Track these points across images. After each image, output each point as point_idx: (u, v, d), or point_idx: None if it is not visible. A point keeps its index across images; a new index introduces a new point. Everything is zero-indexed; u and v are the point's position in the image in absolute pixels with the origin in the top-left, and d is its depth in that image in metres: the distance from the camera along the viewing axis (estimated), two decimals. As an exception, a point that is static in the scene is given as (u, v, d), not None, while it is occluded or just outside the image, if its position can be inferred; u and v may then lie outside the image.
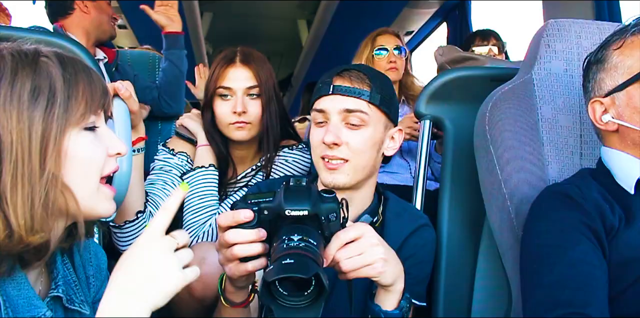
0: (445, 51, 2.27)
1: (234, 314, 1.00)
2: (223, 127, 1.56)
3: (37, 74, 0.74)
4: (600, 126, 1.04)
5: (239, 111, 1.50)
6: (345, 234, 0.88)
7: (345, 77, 1.16)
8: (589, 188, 1.02)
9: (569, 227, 0.97)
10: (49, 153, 0.73)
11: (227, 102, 1.53)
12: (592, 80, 1.05)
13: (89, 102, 0.78)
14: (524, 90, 1.26)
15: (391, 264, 0.94)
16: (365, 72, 1.17)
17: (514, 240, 1.16)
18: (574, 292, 0.89)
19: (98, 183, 0.80)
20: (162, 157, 1.58)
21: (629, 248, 0.94)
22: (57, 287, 0.84)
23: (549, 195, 1.05)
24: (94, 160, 0.78)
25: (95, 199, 0.79)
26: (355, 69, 1.18)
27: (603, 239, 0.95)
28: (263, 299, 0.75)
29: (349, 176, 1.15)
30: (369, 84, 1.15)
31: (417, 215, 1.27)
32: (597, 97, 1.03)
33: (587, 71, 1.07)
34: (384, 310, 0.98)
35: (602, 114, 1.03)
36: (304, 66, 4.83)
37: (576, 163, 1.22)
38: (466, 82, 1.52)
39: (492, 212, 1.25)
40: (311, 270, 0.72)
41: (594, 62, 1.05)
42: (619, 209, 0.98)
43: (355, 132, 1.15)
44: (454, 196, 1.47)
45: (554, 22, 1.29)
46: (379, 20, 3.51)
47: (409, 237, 1.18)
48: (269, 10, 4.17)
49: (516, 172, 1.18)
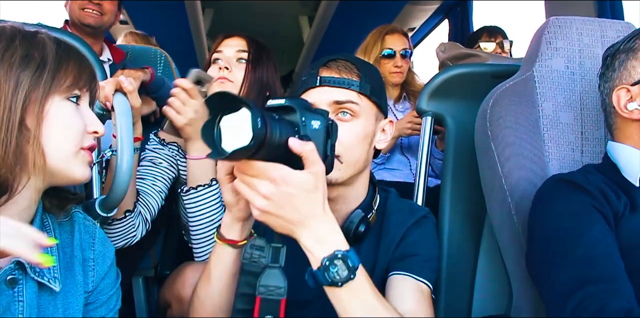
0: (447, 48, 2.27)
1: (224, 255, 0.98)
2: (209, 89, 1.51)
3: (32, 44, 0.83)
4: (624, 114, 1.04)
5: (222, 66, 1.50)
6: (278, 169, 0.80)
7: (332, 67, 1.10)
8: (594, 177, 1.03)
9: (581, 209, 0.97)
10: (29, 112, 0.80)
11: (217, 65, 1.53)
12: (620, 68, 1.05)
13: (77, 77, 0.86)
14: (525, 87, 1.26)
15: (284, 209, 0.82)
16: (353, 62, 1.11)
17: (515, 236, 1.16)
18: (599, 269, 0.88)
19: (77, 149, 0.86)
20: (152, 147, 1.53)
21: (634, 234, 0.96)
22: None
23: (555, 182, 1.06)
24: (72, 127, 0.85)
25: (72, 163, 0.86)
26: (342, 58, 1.12)
27: (611, 223, 0.96)
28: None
29: (341, 171, 1.08)
30: (358, 74, 1.09)
31: (418, 209, 1.23)
32: (625, 85, 1.04)
33: (613, 59, 1.07)
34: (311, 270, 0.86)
35: (628, 102, 1.03)
36: (305, 63, 4.83)
37: (577, 160, 1.23)
38: (468, 78, 1.52)
39: (492, 208, 1.26)
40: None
41: (623, 51, 1.05)
42: (624, 197, 0.99)
43: (346, 126, 1.08)
44: (455, 192, 1.48)
45: (555, 19, 1.29)
46: (381, 16, 3.51)
47: (411, 227, 1.15)
48: (270, 6, 4.16)
49: (517, 169, 1.18)
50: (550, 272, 0.95)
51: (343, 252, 0.84)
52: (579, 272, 0.89)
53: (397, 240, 1.12)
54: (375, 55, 2.25)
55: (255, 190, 0.80)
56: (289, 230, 0.84)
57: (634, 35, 1.06)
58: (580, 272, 0.89)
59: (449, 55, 2.22)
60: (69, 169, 0.86)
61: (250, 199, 0.81)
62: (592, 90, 1.25)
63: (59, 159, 0.84)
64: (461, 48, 2.26)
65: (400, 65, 2.24)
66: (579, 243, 0.93)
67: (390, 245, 1.14)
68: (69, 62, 0.86)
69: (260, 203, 0.80)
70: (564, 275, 0.91)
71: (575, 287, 0.87)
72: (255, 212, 0.82)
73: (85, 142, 0.87)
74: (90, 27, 2.06)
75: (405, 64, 2.27)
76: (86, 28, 2.06)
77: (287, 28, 4.67)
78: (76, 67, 0.86)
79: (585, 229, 0.94)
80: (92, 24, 2.05)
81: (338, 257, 0.83)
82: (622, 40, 1.07)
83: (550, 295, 0.93)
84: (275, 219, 0.82)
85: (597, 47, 1.28)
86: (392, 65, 2.24)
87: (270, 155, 0.79)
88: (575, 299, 0.86)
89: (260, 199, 0.80)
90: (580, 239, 0.93)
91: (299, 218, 0.82)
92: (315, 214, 0.83)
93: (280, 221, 0.83)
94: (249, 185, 0.81)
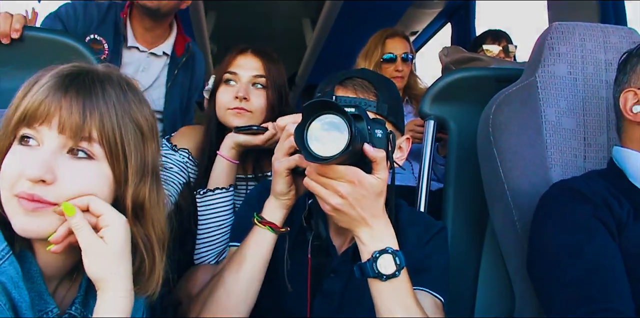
0: (450, 52, 2.28)
1: (262, 241, 1.03)
2: (222, 113, 1.48)
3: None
4: (629, 116, 1.05)
5: (241, 96, 1.44)
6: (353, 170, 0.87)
7: (348, 86, 1.06)
8: (597, 184, 1.04)
9: (582, 221, 0.98)
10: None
11: (231, 88, 1.48)
12: (630, 72, 1.07)
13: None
14: (528, 93, 1.26)
15: (355, 208, 0.90)
16: (370, 80, 1.07)
17: (517, 242, 1.17)
18: (598, 287, 0.90)
19: (9, 195, 0.75)
20: (164, 152, 1.53)
21: (638, 242, 0.96)
22: (72, 305, 0.85)
23: (557, 191, 1.07)
24: (5, 172, 0.77)
25: (9, 211, 0.76)
26: (358, 76, 1.07)
27: (614, 232, 0.97)
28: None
29: None
30: (375, 93, 1.05)
31: (433, 223, 1.21)
32: (632, 88, 1.05)
33: (626, 63, 1.09)
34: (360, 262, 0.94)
35: (634, 105, 1.04)
36: (308, 65, 4.83)
37: (580, 166, 1.23)
38: (471, 82, 1.53)
39: (495, 213, 1.26)
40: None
41: (636, 55, 1.07)
42: (627, 204, 1.00)
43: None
44: (458, 196, 1.48)
45: (558, 25, 1.29)
46: (384, 19, 3.51)
47: (426, 244, 1.15)
48: (273, 8, 4.17)
49: (519, 175, 1.18)
50: (549, 290, 0.98)
51: (394, 249, 0.92)
52: (575, 293, 0.92)
53: (414, 253, 1.10)
54: (376, 59, 2.26)
55: (332, 189, 0.88)
56: (352, 225, 0.92)
57: None
58: (576, 292, 0.92)
59: (452, 59, 2.22)
60: (9, 217, 0.76)
61: (326, 197, 0.89)
62: (595, 95, 1.26)
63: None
64: (464, 52, 2.26)
65: (402, 69, 2.25)
66: (577, 261, 0.95)
67: (407, 259, 1.13)
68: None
69: (336, 201, 0.88)
70: (561, 296, 0.94)
71: (571, 308, 0.90)
72: (327, 207, 0.90)
73: (16, 189, 0.74)
74: (147, 8, 1.82)
75: (406, 67, 2.27)
76: (144, 10, 1.85)
77: (290, 31, 4.67)
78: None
79: (585, 244, 0.95)
80: (148, 6, 1.81)
81: (388, 252, 0.91)
82: (638, 46, 1.09)
83: (550, 312, 0.96)
84: (344, 215, 0.90)
85: (599, 52, 1.28)
86: (393, 69, 2.25)
87: (348, 159, 0.85)
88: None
89: (336, 198, 0.88)
90: (579, 256, 0.95)
91: (364, 216, 0.90)
92: (377, 214, 0.92)
93: (347, 218, 0.91)
94: (325, 185, 0.88)
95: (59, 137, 0.75)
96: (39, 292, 0.79)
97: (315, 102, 0.82)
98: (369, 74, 1.12)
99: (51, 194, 0.74)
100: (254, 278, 1.03)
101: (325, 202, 0.89)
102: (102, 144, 0.77)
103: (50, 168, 0.73)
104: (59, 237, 0.75)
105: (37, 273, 0.79)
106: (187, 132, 1.60)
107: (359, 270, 0.92)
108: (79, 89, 0.77)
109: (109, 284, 0.75)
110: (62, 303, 0.84)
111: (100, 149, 0.77)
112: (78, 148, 0.76)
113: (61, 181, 0.75)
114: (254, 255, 1.03)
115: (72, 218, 0.74)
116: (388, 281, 0.91)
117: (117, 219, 0.77)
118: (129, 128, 0.79)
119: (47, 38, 1.44)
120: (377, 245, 0.92)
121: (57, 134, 0.75)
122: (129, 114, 0.80)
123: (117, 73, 0.84)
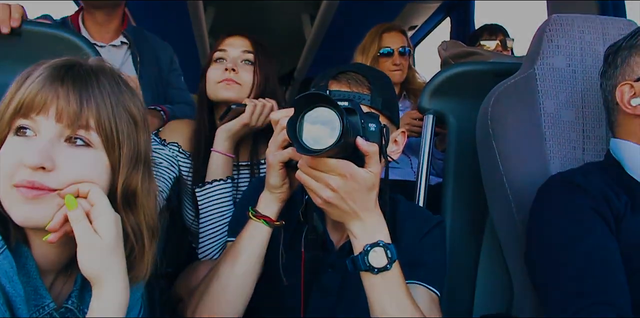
0: (449, 46, 2.27)
1: (257, 235, 1.04)
2: (212, 89, 1.51)
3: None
4: (628, 110, 1.05)
5: (230, 67, 1.47)
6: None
7: (342, 80, 1.05)
8: (594, 177, 1.04)
9: (579, 214, 0.98)
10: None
11: (221, 64, 1.52)
12: (623, 65, 1.06)
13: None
14: (527, 85, 1.26)
15: (346, 202, 0.89)
16: (363, 74, 1.07)
17: (516, 234, 1.16)
18: (595, 280, 0.91)
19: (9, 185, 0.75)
20: (153, 147, 1.52)
21: (636, 234, 0.96)
22: (68, 299, 0.85)
23: (555, 184, 1.07)
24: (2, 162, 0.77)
25: (7, 203, 0.76)
26: (352, 70, 1.07)
27: (612, 224, 0.97)
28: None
29: None
30: (369, 87, 1.05)
31: (431, 217, 1.21)
32: (628, 81, 1.05)
33: (615, 56, 1.08)
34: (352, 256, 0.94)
35: (631, 98, 1.04)
36: (306, 60, 4.82)
37: (579, 158, 1.22)
38: (470, 77, 1.53)
39: (494, 206, 1.26)
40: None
41: (625, 48, 1.06)
42: (625, 196, 1.00)
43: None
44: (457, 191, 1.48)
45: (556, 17, 1.29)
46: (383, 14, 3.50)
47: (423, 237, 1.15)
48: (272, 5, 4.16)
49: (518, 167, 1.18)
50: (546, 283, 0.98)
51: (385, 242, 0.92)
52: (572, 286, 0.92)
53: (410, 247, 1.11)
54: (373, 53, 2.25)
55: (323, 182, 0.88)
56: (344, 219, 0.92)
57: (636, 32, 1.07)
58: (573, 285, 0.92)
59: (451, 54, 2.21)
60: (9, 211, 0.76)
61: (317, 190, 0.89)
62: (594, 88, 1.25)
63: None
64: (463, 46, 2.25)
65: (399, 63, 2.24)
66: (575, 254, 0.95)
67: (404, 252, 1.13)
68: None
69: (327, 194, 0.88)
70: (558, 289, 0.94)
71: (568, 301, 0.91)
72: (318, 200, 0.90)
73: (15, 178, 0.74)
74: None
75: (404, 61, 2.26)
76: (92, 3, 1.87)
77: (289, 26, 4.66)
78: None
79: (582, 237, 0.96)
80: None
81: (380, 245, 0.91)
82: (624, 38, 1.08)
83: (547, 306, 0.96)
84: (335, 209, 0.90)
85: (598, 44, 1.27)
86: (391, 63, 2.24)
87: (340, 152, 0.85)
88: (568, 313, 0.90)
89: (327, 191, 0.88)
90: (576, 249, 0.95)
91: (355, 210, 0.90)
92: (369, 208, 0.91)
93: (339, 211, 0.91)
94: (317, 178, 0.88)
95: (57, 126, 0.75)
96: (35, 286, 0.79)
97: (307, 94, 0.82)
98: (363, 68, 1.11)
99: (52, 181, 0.74)
100: (249, 272, 1.03)
101: (317, 195, 0.89)
102: (99, 132, 0.78)
103: (49, 156, 0.74)
104: (56, 223, 0.75)
105: (33, 267, 0.79)
106: (176, 126, 1.59)
107: (352, 264, 0.92)
108: (75, 79, 0.77)
109: (103, 281, 0.75)
110: (58, 297, 0.84)
111: (97, 137, 0.78)
112: (76, 136, 0.77)
113: (60, 168, 0.75)
114: (248, 249, 1.03)
115: (72, 211, 0.74)
116: (380, 274, 0.91)
117: (110, 213, 0.77)
118: (123, 117, 0.80)
119: (45, 32, 1.43)
120: (369, 239, 0.92)
121: (54, 123, 0.75)
122: (122, 104, 0.81)
123: (109, 66, 0.85)
